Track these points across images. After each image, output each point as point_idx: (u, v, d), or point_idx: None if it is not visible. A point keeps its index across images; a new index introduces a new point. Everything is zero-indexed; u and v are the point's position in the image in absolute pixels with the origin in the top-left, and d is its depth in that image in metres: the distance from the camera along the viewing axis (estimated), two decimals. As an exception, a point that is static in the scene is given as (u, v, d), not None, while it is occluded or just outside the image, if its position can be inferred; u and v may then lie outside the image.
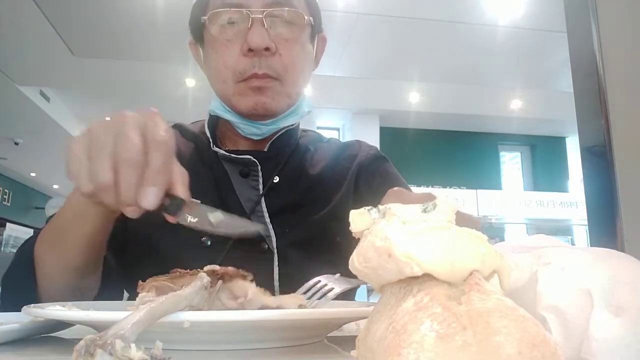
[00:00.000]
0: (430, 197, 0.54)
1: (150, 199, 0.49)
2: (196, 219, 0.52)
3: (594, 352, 0.26)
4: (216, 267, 0.48)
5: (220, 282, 0.47)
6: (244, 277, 0.49)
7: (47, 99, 6.87)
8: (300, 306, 0.49)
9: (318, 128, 6.54)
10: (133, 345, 0.29)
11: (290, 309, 0.46)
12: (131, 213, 0.52)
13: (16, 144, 8.12)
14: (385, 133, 7.67)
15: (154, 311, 0.34)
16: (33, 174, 10.31)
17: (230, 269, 0.49)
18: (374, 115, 7.72)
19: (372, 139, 5.73)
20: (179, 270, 0.48)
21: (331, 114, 7.71)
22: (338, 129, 8.20)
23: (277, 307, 0.47)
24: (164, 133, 0.51)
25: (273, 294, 0.50)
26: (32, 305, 0.47)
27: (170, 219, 0.53)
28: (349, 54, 5.75)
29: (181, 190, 0.52)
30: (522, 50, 5.68)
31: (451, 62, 6.05)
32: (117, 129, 0.50)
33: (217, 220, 0.53)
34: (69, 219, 0.67)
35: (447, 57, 5.89)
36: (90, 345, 0.28)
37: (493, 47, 5.58)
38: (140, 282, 0.49)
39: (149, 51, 5.48)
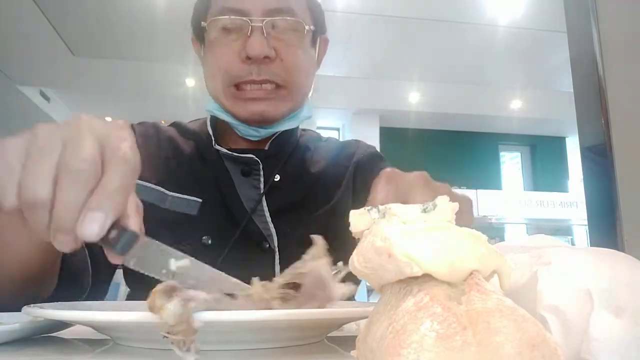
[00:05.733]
0: (425, 177, 0.53)
1: (93, 227, 0.37)
2: (151, 264, 0.41)
3: (594, 352, 0.26)
4: None
5: None
6: None
7: (47, 99, 6.87)
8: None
9: (318, 128, 6.55)
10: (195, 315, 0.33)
11: None
12: (62, 245, 0.39)
13: (16, 144, 8.12)
14: (385, 133, 7.67)
15: (218, 301, 0.38)
16: (33, 174, 10.30)
17: None
18: (374, 115, 7.72)
19: (372, 139, 5.71)
20: None
21: (331, 114, 7.71)
22: (338, 129, 8.20)
23: None
24: (129, 150, 0.40)
25: None
26: (32, 305, 0.47)
27: (115, 259, 0.41)
28: (349, 54, 5.76)
29: (134, 223, 0.42)
30: (522, 50, 5.69)
31: (451, 62, 6.05)
32: (69, 133, 0.39)
33: (180, 268, 0.42)
34: None
35: (447, 57, 5.90)
36: (172, 291, 0.33)
37: (493, 47, 5.59)
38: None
39: (149, 51, 5.49)
